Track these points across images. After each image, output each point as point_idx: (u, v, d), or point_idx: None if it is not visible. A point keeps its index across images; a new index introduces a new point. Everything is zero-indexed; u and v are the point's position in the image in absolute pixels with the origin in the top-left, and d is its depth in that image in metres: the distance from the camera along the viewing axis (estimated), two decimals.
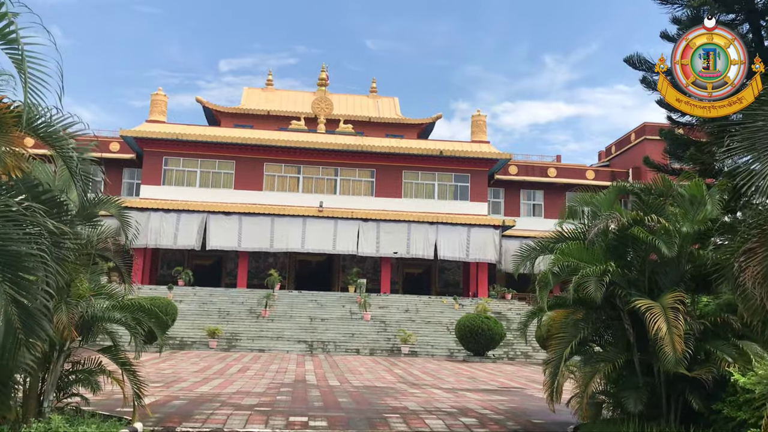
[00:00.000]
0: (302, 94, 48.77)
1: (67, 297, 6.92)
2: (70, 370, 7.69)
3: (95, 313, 7.24)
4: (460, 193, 39.02)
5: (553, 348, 8.69)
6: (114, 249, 8.01)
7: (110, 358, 7.67)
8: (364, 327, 30.62)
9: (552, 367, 7.94)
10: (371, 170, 38.79)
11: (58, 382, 7.37)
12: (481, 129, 40.36)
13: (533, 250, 8.69)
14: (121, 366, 7.63)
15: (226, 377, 15.97)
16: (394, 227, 37.06)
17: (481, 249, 37.21)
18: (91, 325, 7.39)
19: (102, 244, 7.81)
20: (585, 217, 8.62)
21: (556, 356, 7.90)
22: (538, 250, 8.64)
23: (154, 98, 38.61)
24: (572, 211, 8.74)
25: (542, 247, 8.54)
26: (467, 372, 20.50)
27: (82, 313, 7.06)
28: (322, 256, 40.45)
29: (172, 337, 27.31)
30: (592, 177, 43.78)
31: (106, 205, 7.69)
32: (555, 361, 7.90)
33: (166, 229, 35.68)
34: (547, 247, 8.46)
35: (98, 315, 7.25)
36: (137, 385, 7.58)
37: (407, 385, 15.72)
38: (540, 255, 8.66)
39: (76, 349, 7.53)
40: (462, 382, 16.99)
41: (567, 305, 8.39)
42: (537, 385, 16.95)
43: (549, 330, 9.16)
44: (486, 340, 25.96)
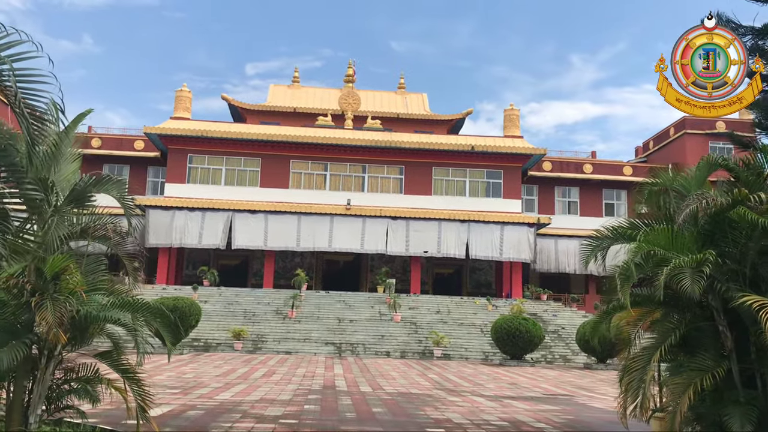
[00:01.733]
0: (329, 91, 47.75)
1: (55, 292, 5.82)
2: (63, 378, 6.59)
3: (90, 312, 6.13)
4: (492, 190, 37.59)
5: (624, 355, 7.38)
6: (115, 238, 6.88)
7: (109, 364, 6.54)
8: (394, 328, 29.39)
9: (635, 377, 6.61)
10: (400, 167, 37.56)
11: (49, 393, 6.28)
12: (514, 123, 38.90)
13: (605, 238, 7.36)
14: (123, 374, 6.49)
15: (250, 382, 14.86)
16: (423, 225, 35.77)
17: (515, 248, 35.73)
18: (86, 327, 6.28)
19: (100, 231, 6.69)
20: (668, 200, 7.26)
21: (640, 364, 6.56)
22: (611, 238, 7.31)
23: (179, 95, 37.86)
24: (651, 193, 7.38)
25: (617, 235, 7.21)
26: (507, 377, 19.15)
27: (73, 312, 5.94)
28: (349, 256, 39.32)
29: (197, 339, 26.40)
30: (630, 173, 42.03)
31: (104, 186, 6.57)
32: (639, 369, 6.56)
33: (191, 228, 34.84)
34: (623, 234, 7.13)
35: (93, 314, 6.13)
36: (141, 397, 6.44)
37: (445, 392, 14.45)
38: (613, 244, 7.33)
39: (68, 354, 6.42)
40: (503, 389, 15.67)
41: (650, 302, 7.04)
42: (585, 392, 15.58)
43: (620, 333, 7.83)
44: (524, 343, 24.54)
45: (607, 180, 41.58)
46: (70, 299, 5.85)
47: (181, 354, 23.10)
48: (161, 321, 6.58)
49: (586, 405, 13.05)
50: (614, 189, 42.21)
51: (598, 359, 25.28)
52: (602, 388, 17.21)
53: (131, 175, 39.33)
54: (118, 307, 6.29)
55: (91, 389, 6.69)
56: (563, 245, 39.48)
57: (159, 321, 6.58)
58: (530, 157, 37.49)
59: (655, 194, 7.36)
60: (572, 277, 41.57)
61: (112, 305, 6.30)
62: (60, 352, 6.23)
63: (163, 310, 6.67)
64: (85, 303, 6.06)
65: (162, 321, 6.58)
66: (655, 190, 7.37)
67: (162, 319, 6.59)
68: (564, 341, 29.50)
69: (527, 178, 40.12)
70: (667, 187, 7.37)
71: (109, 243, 6.88)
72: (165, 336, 6.79)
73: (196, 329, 26.82)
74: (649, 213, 7.78)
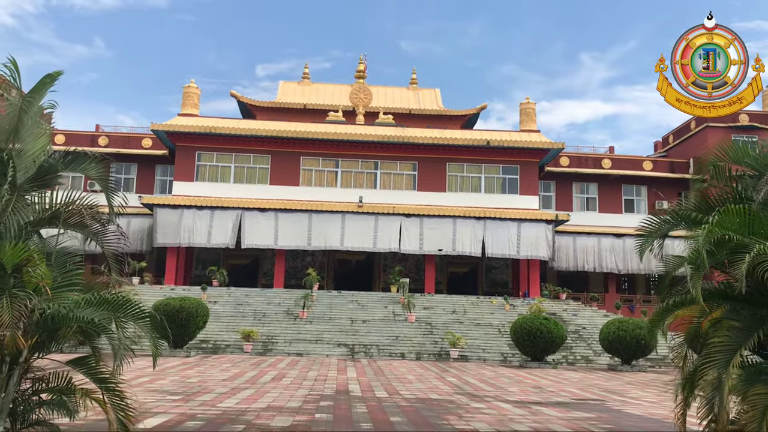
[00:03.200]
0: (339, 87, 46.79)
1: (14, 288, 4.88)
2: (32, 389, 5.64)
3: (59, 312, 5.19)
4: (508, 186, 36.48)
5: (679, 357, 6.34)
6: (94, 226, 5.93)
7: (85, 372, 5.58)
8: (409, 329, 28.38)
9: (708, 384, 5.57)
10: (413, 163, 36.54)
11: (14, 407, 5.34)
12: (531, 118, 37.76)
13: (663, 223, 6.32)
14: (101, 384, 5.53)
15: (258, 387, 13.91)
16: (438, 223, 34.73)
17: (533, 245, 34.61)
18: (55, 328, 5.33)
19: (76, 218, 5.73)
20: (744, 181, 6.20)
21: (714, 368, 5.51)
22: (670, 223, 6.27)
23: (186, 91, 37.04)
24: (718, 169, 6.30)
25: (678, 218, 6.17)
26: (529, 380, 18.11)
27: (36, 311, 5.00)
28: (362, 255, 38.36)
29: (205, 341, 25.55)
30: (650, 168, 40.80)
31: (79, 165, 5.62)
32: (713, 375, 5.51)
33: (200, 227, 33.99)
34: (685, 217, 6.09)
35: (62, 314, 5.19)
36: (123, 410, 5.49)
37: (467, 397, 13.44)
38: (673, 229, 6.30)
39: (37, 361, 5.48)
40: (528, 393, 14.64)
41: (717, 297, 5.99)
42: (616, 397, 14.52)
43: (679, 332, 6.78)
44: (545, 344, 23.45)
45: (627, 175, 40.35)
46: (32, 296, 4.93)
47: (188, 356, 22.22)
48: (146, 322, 5.63)
49: (621, 411, 11.99)
50: (634, 185, 40.97)
51: (623, 360, 24.17)
52: (632, 391, 16.14)
53: (139, 173, 38.62)
54: (95, 306, 5.36)
55: (69, 401, 5.75)
56: (581, 242, 38.33)
57: (143, 322, 5.62)
58: (547, 152, 36.35)
59: (721, 170, 6.30)
60: (591, 276, 40.40)
61: (87, 303, 5.37)
62: (27, 358, 5.31)
63: (149, 310, 5.71)
64: (51, 300, 5.13)
65: (148, 323, 5.62)
66: (722, 166, 6.32)
67: (147, 320, 5.63)
68: (585, 341, 28.39)
69: (544, 173, 38.99)
70: (733, 163, 6.32)
71: (87, 231, 5.94)
72: (150, 339, 5.83)
73: (205, 330, 25.97)
74: (703, 194, 6.71)
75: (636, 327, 23.68)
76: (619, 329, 23.72)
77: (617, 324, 24.07)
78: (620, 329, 23.72)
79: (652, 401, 14.00)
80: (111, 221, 6.01)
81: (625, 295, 39.74)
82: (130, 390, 12.30)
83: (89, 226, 5.89)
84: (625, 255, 38.26)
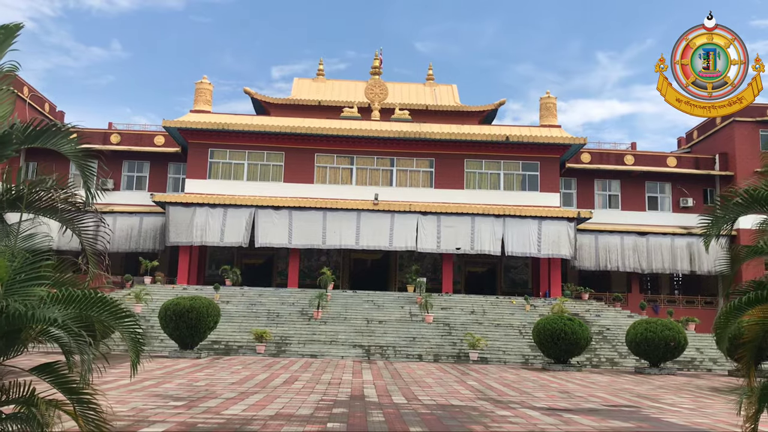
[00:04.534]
0: (354, 84, 45.98)
1: None
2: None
3: (17, 310, 4.38)
4: (528, 182, 35.46)
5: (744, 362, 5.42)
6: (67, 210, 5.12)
7: (52, 381, 4.78)
8: (426, 330, 27.48)
9: None
10: (430, 159, 35.63)
11: None
12: (551, 112, 36.69)
13: (734, 207, 5.40)
14: (70, 395, 4.73)
15: (268, 391, 13.10)
16: (456, 221, 33.78)
17: (555, 243, 33.55)
18: (16, 329, 4.53)
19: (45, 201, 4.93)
20: None
21: None
22: (742, 205, 5.35)
23: (199, 87, 36.39)
24: None
25: (752, 200, 5.25)
26: (555, 384, 17.15)
27: None
28: (377, 254, 37.52)
29: (217, 342, 24.85)
30: (674, 164, 39.56)
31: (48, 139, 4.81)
32: None
33: (212, 225, 33.31)
34: (761, 198, 5.17)
35: (20, 312, 4.38)
36: (96, 426, 4.67)
37: (491, 403, 12.53)
38: (745, 213, 5.38)
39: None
40: (556, 399, 13.70)
41: None
42: (650, 402, 13.53)
43: (743, 336, 5.87)
44: (569, 345, 22.45)
45: (650, 172, 39.14)
46: None
47: (198, 358, 21.49)
48: (126, 323, 4.81)
49: (661, 420, 11.03)
50: (657, 181, 39.74)
51: (651, 363, 23.12)
52: (666, 396, 15.13)
53: (152, 171, 38.06)
54: (63, 303, 4.56)
55: (39, 414, 4.94)
56: (604, 241, 37.20)
57: (122, 323, 4.81)
58: (569, 147, 35.27)
59: None
60: (613, 275, 39.24)
61: (54, 300, 4.57)
62: None
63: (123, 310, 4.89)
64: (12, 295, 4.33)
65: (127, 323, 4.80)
66: None
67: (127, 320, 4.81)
68: (610, 343, 27.35)
69: (565, 170, 37.93)
70: None
71: (60, 217, 5.14)
72: (131, 344, 5.01)
73: (216, 331, 25.31)
74: None
75: (665, 328, 22.65)
76: (647, 330, 22.69)
77: (645, 325, 23.03)
78: (648, 330, 22.70)
79: (690, 408, 13.01)
80: (89, 206, 5.20)
81: (649, 296, 38.53)
82: (132, 395, 11.53)
83: (63, 211, 5.09)
84: (649, 254, 37.10)
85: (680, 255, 37.17)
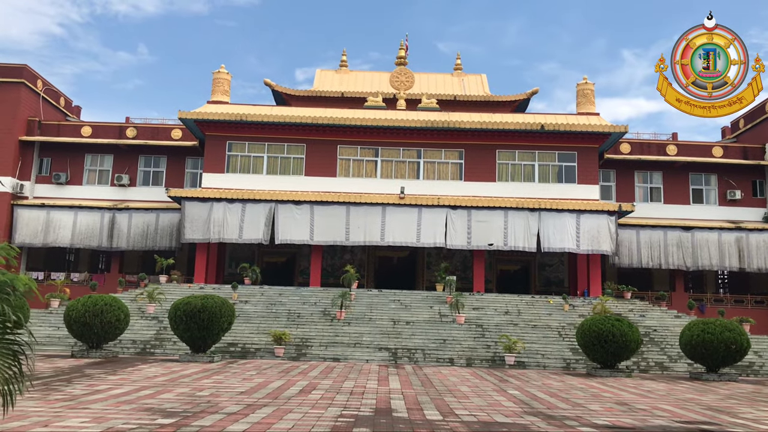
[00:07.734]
0: (379, 75, 44.17)
1: None
2: None
3: None
4: (565, 174, 33.28)
5: None
6: None
7: None
8: (458, 332, 25.51)
9: None
10: (459, 151, 33.63)
11: None
12: (589, 99, 34.49)
13: None
14: None
15: (280, 404, 11.27)
16: (487, 215, 31.73)
17: (594, 239, 31.33)
18: None
19: None
20: None
21: None
22: None
23: (216, 77, 34.85)
24: None
25: None
26: (607, 393, 15.08)
27: None
28: (404, 252, 35.66)
29: (233, 344, 23.18)
30: (720, 155, 37.08)
31: None
32: None
33: (231, 221, 31.70)
34: None
35: None
36: None
37: (541, 419, 10.54)
38: None
39: None
40: (616, 413, 11.66)
41: None
42: (728, 418, 11.40)
43: None
44: (617, 349, 20.31)
45: (694, 163, 36.72)
46: None
47: (210, 362, 19.78)
48: None
49: None
50: (702, 173, 37.28)
51: (708, 368, 20.86)
52: (742, 409, 12.98)
53: (168, 166, 36.69)
54: None
55: None
56: (645, 236, 34.88)
57: None
58: (608, 136, 33.02)
59: None
60: (654, 273, 36.89)
61: None
62: None
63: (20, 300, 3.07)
64: None
65: None
66: None
67: None
68: (658, 345, 25.13)
69: (603, 161, 35.68)
70: None
71: None
72: None
73: (233, 333, 23.69)
74: None
75: (724, 329, 20.38)
76: (704, 332, 20.43)
77: (701, 326, 20.76)
78: (705, 332, 20.44)
79: None
80: None
81: (694, 294, 36.07)
82: (118, 409, 9.75)
83: None
84: (694, 250, 34.68)
85: (728, 251, 34.68)
